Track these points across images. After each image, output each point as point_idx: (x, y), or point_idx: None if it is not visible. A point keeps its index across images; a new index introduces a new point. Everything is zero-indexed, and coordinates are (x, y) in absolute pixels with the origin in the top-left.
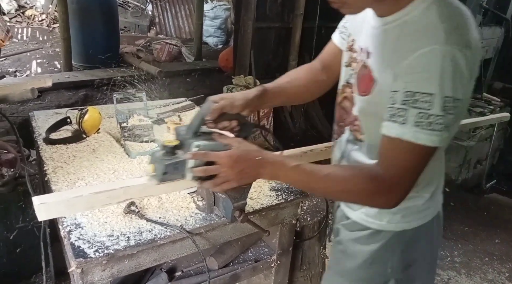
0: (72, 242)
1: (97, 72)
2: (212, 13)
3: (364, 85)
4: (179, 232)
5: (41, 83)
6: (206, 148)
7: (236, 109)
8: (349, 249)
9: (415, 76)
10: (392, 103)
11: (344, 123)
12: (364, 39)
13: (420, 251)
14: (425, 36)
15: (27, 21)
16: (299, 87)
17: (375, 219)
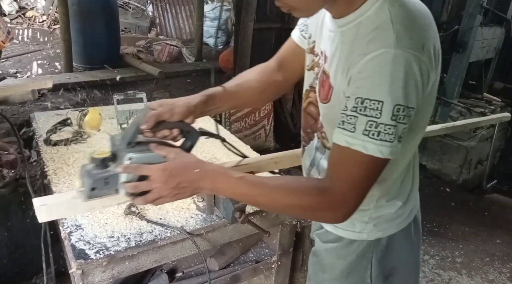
0: (72, 243)
1: (98, 74)
2: (212, 14)
3: (324, 92)
4: (180, 233)
5: (41, 84)
6: (139, 161)
7: (177, 117)
8: (325, 260)
9: (365, 82)
10: (343, 110)
11: (312, 130)
12: (323, 42)
13: (399, 258)
14: (376, 38)
15: (28, 22)
16: (251, 90)
17: (347, 228)
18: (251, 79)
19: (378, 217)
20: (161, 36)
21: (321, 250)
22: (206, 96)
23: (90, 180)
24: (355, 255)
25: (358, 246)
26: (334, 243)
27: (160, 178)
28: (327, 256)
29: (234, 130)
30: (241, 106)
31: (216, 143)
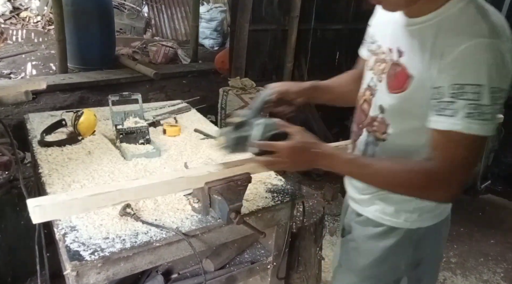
0: (67, 245)
1: (93, 74)
2: (208, 15)
3: (397, 82)
4: (175, 234)
5: (35, 86)
6: (266, 125)
7: (292, 96)
8: (363, 246)
9: (463, 69)
10: (438, 98)
11: (362, 125)
12: (392, 40)
13: (429, 250)
14: (468, 31)
15: (22, 23)
16: (344, 89)
17: (391, 217)
18: (344, 80)
19: (422, 207)
20: (156, 37)
21: (360, 236)
22: (314, 85)
23: (233, 137)
24: (395, 242)
25: (398, 233)
26: (375, 229)
27: (286, 154)
28: (365, 241)
29: None
30: (336, 102)
31: (212, 144)
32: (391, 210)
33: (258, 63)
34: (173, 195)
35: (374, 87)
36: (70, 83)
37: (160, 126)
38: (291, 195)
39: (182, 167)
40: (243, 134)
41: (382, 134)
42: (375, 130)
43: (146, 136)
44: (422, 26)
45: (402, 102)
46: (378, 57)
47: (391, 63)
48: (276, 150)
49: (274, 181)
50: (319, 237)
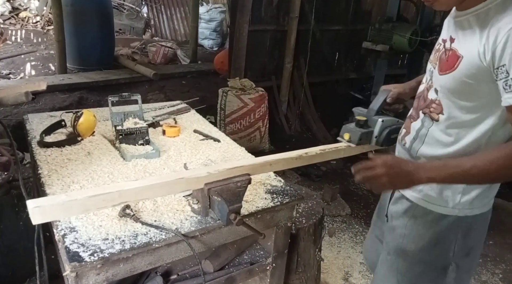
0: (66, 246)
1: (92, 75)
2: (207, 15)
3: (447, 64)
4: (174, 235)
5: (35, 86)
6: (388, 122)
7: (407, 95)
8: (413, 232)
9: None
10: (504, 78)
11: (420, 107)
12: (446, 32)
13: (477, 239)
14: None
15: (21, 23)
16: None
17: (440, 204)
18: None
19: (471, 193)
20: (156, 37)
21: (408, 224)
22: (414, 84)
23: (359, 133)
24: (445, 228)
25: (448, 220)
26: (423, 217)
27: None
28: (415, 229)
29: (229, 132)
30: None
31: (211, 145)
32: (440, 197)
33: (258, 64)
34: (172, 196)
35: (431, 74)
36: (69, 83)
37: (159, 127)
38: (290, 196)
39: (181, 168)
40: (366, 130)
41: (438, 114)
42: (431, 111)
43: (145, 137)
44: (469, 16)
45: (451, 81)
46: (435, 49)
47: (443, 50)
48: (371, 165)
49: (274, 182)
50: (318, 238)
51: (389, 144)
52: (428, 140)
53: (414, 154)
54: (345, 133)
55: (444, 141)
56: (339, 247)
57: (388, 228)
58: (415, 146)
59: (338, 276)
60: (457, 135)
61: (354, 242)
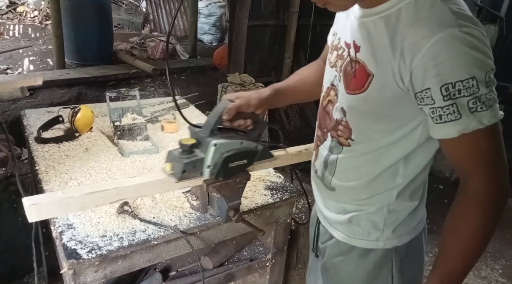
0: (64, 243)
1: (90, 70)
2: (206, 10)
3: (355, 82)
4: (173, 232)
5: (31, 82)
6: (223, 146)
7: (252, 108)
8: (342, 272)
9: (446, 66)
10: (430, 104)
11: (327, 129)
12: (349, 34)
13: (417, 265)
14: (433, 22)
15: (18, 17)
16: (309, 85)
17: (362, 238)
18: (308, 75)
19: (393, 221)
20: (154, 32)
21: (335, 262)
22: (274, 90)
23: (181, 164)
24: (373, 265)
25: (375, 255)
26: (348, 254)
27: None
28: (343, 267)
29: None
30: (301, 99)
31: None
32: (360, 230)
33: (257, 59)
34: (171, 192)
35: (337, 86)
36: (67, 79)
37: (158, 122)
38: (290, 192)
39: None
40: (194, 159)
41: (347, 139)
42: (339, 135)
43: (144, 133)
44: (376, 17)
45: (362, 104)
46: (338, 52)
47: (348, 59)
48: None
49: (273, 178)
50: None
51: (229, 176)
52: (339, 169)
53: (328, 184)
54: (167, 163)
55: (357, 170)
56: None
57: (322, 268)
58: (327, 175)
59: None
60: (371, 162)
61: None
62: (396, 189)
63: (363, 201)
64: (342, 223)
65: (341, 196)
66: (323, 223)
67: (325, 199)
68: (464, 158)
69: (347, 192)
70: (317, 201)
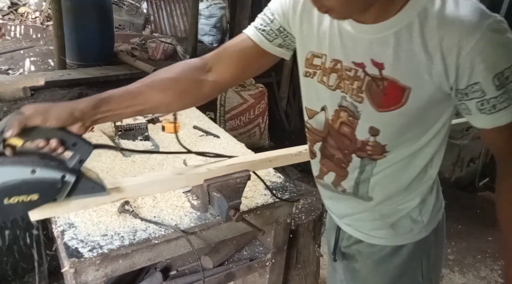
0: (65, 242)
1: (92, 71)
2: (207, 11)
3: (388, 99)
4: (174, 231)
5: (33, 82)
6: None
7: (53, 122)
8: (374, 270)
9: (492, 58)
10: (479, 98)
11: (349, 150)
12: (357, 54)
13: (441, 249)
14: (469, 19)
15: (20, 18)
16: (165, 90)
17: (392, 236)
18: (167, 77)
19: (427, 211)
20: (155, 33)
21: (367, 262)
22: (97, 99)
23: None
24: (405, 258)
25: (407, 249)
26: (381, 251)
27: None
28: (375, 266)
29: (228, 128)
30: (150, 109)
31: (211, 141)
32: (390, 230)
33: None
34: (172, 192)
35: (354, 109)
36: (68, 79)
37: (159, 123)
38: (290, 192)
39: (181, 164)
40: None
41: (381, 155)
42: (370, 154)
43: (145, 133)
44: (393, 31)
45: (400, 119)
46: (343, 75)
47: (369, 79)
48: None
49: (273, 178)
50: (317, 234)
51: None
52: (376, 181)
53: (365, 195)
54: None
55: (394, 177)
56: None
57: (347, 271)
58: (362, 189)
59: None
60: (407, 166)
61: None
62: (428, 181)
63: (402, 202)
64: (381, 228)
65: (379, 204)
66: (352, 233)
67: (358, 210)
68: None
69: (386, 199)
70: (344, 213)
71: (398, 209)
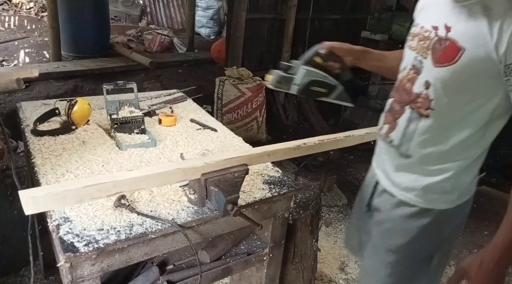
0: (60, 236)
1: (87, 63)
2: (204, 3)
3: (444, 56)
4: (171, 226)
5: (27, 73)
6: (310, 72)
7: (343, 52)
8: (399, 226)
9: None
10: None
11: (405, 103)
12: (437, 18)
13: (459, 225)
14: None
15: (14, 9)
16: (396, 61)
17: (424, 199)
18: (397, 54)
19: (459, 187)
20: (152, 25)
21: (395, 217)
22: (365, 49)
23: (277, 76)
24: (429, 221)
25: (433, 213)
26: (410, 209)
27: None
28: (402, 222)
29: (226, 121)
30: (384, 70)
31: (208, 134)
32: (423, 193)
33: (255, 53)
34: (169, 186)
35: (419, 65)
36: (64, 71)
37: (155, 116)
38: (288, 187)
39: (178, 158)
40: (287, 75)
41: (426, 110)
42: (419, 106)
43: (141, 126)
44: (476, 3)
45: (450, 75)
46: (421, 36)
47: (436, 39)
48: None
49: (271, 172)
50: (315, 229)
51: (309, 96)
52: (417, 138)
53: (405, 152)
54: (268, 75)
55: (435, 138)
56: (335, 237)
57: (374, 222)
58: (405, 143)
59: (334, 266)
60: (449, 132)
61: None
62: (467, 159)
63: (438, 170)
64: (413, 189)
65: (415, 163)
66: (388, 188)
67: (398, 166)
68: None
69: (422, 159)
70: (385, 168)
71: (432, 174)
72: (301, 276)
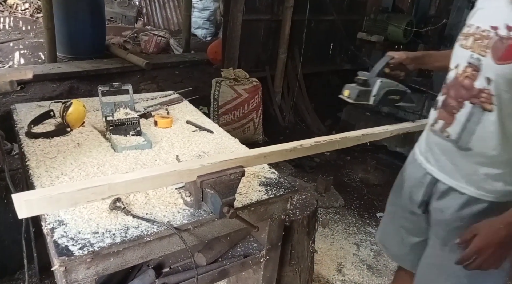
0: (55, 240)
1: (83, 64)
2: (200, 4)
3: (507, 54)
4: (166, 228)
5: (21, 75)
6: (386, 83)
7: (408, 60)
8: (457, 212)
9: None
10: None
11: (463, 98)
12: (496, 19)
13: None
14: None
15: (9, 10)
16: None
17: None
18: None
19: None
20: (148, 26)
21: (465, 217)
22: (425, 52)
23: (356, 90)
24: (482, 211)
25: (487, 205)
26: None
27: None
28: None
29: (222, 123)
30: (443, 68)
31: (204, 136)
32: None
33: (252, 54)
34: (164, 188)
35: (477, 62)
36: (59, 73)
37: (151, 117)
38: (284, 188)
39: (173, 160)
40: (365, 89)
41: (490, 104)
42: (482, 101)
43: (137, 128)
44: None
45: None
46: (477, 36)
47: (497, 38)
48: None
49: (268, 174)
50: (312, 230)
51: (385, 104)
52: (480, 132)
53: (464, 145)
54: (345, 90)
55: (498, 133)
56: (332, 238)
57: (437, 222)
58: (465, 137)
59: (331, 267)
60: (506, 125)
61: (347, 233)
62: None
63: (497, 160)
64: (474, 181)
65: (476, 156)
66: (447, 181)
67: (456, 160)
68: None
69: (483, 152)
70: (443, 165)
71: (492, 166)
72: (298, 278)
